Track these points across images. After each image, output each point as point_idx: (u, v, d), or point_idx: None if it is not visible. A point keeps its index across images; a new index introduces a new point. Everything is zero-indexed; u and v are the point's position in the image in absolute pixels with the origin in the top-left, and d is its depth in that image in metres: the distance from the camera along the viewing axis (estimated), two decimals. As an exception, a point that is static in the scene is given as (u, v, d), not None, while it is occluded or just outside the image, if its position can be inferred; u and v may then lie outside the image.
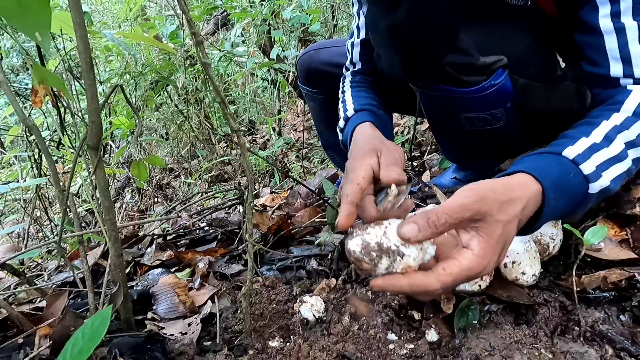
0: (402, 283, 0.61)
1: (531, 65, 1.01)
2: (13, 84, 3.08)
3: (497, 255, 0.62)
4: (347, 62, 1.28)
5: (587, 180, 0.72)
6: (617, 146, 0.75)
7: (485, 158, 1.28)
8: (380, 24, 0.96)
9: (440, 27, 0.89)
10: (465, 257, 0.60)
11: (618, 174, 0.74)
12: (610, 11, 0.82)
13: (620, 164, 0.75)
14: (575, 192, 0.72)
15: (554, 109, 1.03)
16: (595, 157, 0.74)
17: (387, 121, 1.11)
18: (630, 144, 0.76)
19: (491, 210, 0.61)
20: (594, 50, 0.85)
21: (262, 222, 1.35)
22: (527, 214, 0.66)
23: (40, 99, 0.84)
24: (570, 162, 0.73)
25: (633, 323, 0.77)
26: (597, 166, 0.73)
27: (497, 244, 0.61)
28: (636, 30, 0.80)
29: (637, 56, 0.80)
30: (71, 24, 0.59)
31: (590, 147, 0.75)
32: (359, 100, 1.13)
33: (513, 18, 1.00)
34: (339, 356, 0.79)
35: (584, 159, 0.73)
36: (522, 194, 0.65)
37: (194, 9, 2.71)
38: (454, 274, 0.59)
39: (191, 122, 2.93)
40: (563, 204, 0.71)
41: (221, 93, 0.69)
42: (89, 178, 1.35)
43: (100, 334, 0.57)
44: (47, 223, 2.43)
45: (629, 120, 0.77)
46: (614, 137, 0.76)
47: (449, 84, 0.96)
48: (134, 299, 1.00)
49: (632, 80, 0.82)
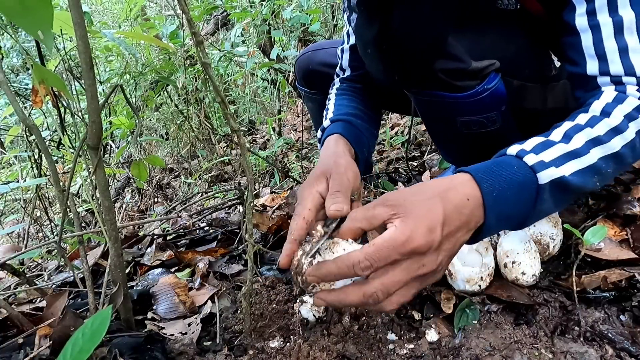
0: (329, 264, 0.63)
1: (524, 67, 1.01)
2: (13, 84, 3.08)
3: (423, 225, 0.61)
4: (338, 68, 1.28)
5: (533, 170, 0.69)
6: (576, 143, 0.72)
7: (483, 160, 1.28)
8: (365, 35, 0.97)
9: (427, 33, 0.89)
10: (388, 230, 0.62)
11: (577, 169, 0.71)
12: (586, 9, 0.81)
13: (579, 159, 0.71)
14: (522, 183, 0.68)
15: (550, 109, 1.04)
16: (548, 152, 0.71)
17: (366, 130, 1.08)
18: (595, 141, 0.73)
19: (404, 194, 0.65)
20: (572, 49, 0.85)
21: (262, 222, 1.35)
22: (458, 194, 0.65)
23: (41, 99, 0.84)
24: (513, 157, 0.71)
25: (633, 323, 0.77)
26: (548, 160, 0.70)
27: (420, 216, 0.61)
28: (611, 26, 0.79)
29: (612, 52, 0.79)
30: (71, 24, 0.59)
31: (542, 143, 0.72)
32: (338, 110, 1.13)
33: (503, 22, 1.00)
34: (339, 356, 0.79)
35: (528, 152, 0.70)
36: (444, 181, 0.67)
37: (194, 9, 2.71)
38: (376, 243, 0.60)
39: (191, 122, 2.93)
40: (511, 196, 0.67)
41: (221, 93, 0.69)
42: (89, 178, 1.35)
43: (100, 334, 0.57)
44: (47, 223, 2.42)
45: (595, 119, 0.75)
46: (573, 134, 0.74)
47: (442, 89, 0.96)
48: (134, 299, 1.00)
49: (608, 78, 0.80)
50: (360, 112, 1.12)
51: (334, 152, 0.95)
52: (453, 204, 0.64)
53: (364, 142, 1.07)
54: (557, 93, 1.03)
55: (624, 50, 0.78)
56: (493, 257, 0.90)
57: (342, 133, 1.02)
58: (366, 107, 1.16)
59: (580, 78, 0.84)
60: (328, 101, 1.21)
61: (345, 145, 0.99)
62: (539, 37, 1.00)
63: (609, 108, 0.76)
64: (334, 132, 1.02)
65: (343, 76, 1.26)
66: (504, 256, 0.89)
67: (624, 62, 0.78)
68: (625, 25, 0.78)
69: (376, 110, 1.23)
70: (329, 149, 0.98)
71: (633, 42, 0.78)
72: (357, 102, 1.16)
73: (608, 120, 0.74)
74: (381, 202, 0.65)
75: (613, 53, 0.79)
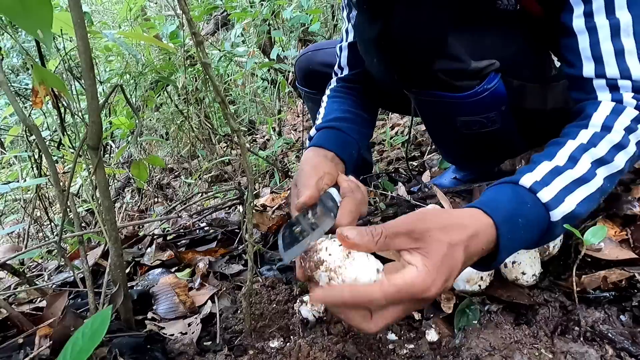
0: (343, 293, 0.59)
1: (524, 67, 1.01)
2: (13, 84, 3.08)
3: (442, 278, 0.59)
4: (336, 67, 1.27)
5: (547, 208, 0.69)
6: (583, 167, 0.72)
7: (483, 160, 1.29)
8: (365, 34, 0.96)
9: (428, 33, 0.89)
10: (410, 271, 0.58)
11: (585, 197, 0.71)
12: (583, 11, 0.81)
13: (587, 185, 0.72)
14: (535, 221, 0.69)
15: (550, 109, 1.04)
16: (558, 181, 0.71)
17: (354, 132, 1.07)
18: (599, 161, 0.73)
19: (430, 230, 0.60)
20: (569, 51, 0.84)
21: (262, 222, 1.35)
22: (479, 244, 0.63)
23: (41, 100, 0.84)
24: (526, 190, 0.70)
25: (633, 323, 0.77)
26: (558, 191, 0.70)
27: (442, 265, 0.59)
28: (608, 29, 0.78)
29: (608, 54, 0.78)
30: (71, 24, 0.59)
31: (551, 170, 0.72)
32: (327, 115, 1.12)
33: (503, 22, 1.00)
34: (339, 356, 0.79)
35: (542, 186, 0.70)
36: (470, 223, 0.64)
37: (194, 9, 2.71)
38: (397, 285, 0.57)
39: (191, 122, 2.93)
40: (524, 235, 0.68)
41: (221, 93, 0.69)
42: (89, 178, 1.35)
43: (100, 334, 0.57)
44: (47, 223, 2.42)
45: (597, 136, 0.75)
46: (579, 157, 0.73)
47: (442, 89, 0.96)
48: (134, 299, 1.00)
49: (604, 81, 0.79)
50: (350, 114, 1.11)
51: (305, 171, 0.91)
52: (471, 253, 0.63)
53: (351, 144, 1.05)
54: (557, 93, 1.03)
55: (620, 53, 0.78)
56: (493, 257, 0.90)
57: (323, 144, 1.00)
58: (358, 108, 1.15)
59: (576, 80, 0.84)
60: (321, 103, 1.21)
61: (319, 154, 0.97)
62: (539, 37, 1.00)
63: (609, 122, 0.75)
64: (314, 144, 1.01)
65: (340, 75, 1.25)
66: (504, 256, 0.89)
67: (620, 64, 0.78)
68: (622, 27, 0.77)
69: (370, 111, 1.22)
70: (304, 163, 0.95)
71: (629, 45, 0.77)
72: (347, 104, 1.15)
73: (610, 137, 0.74)
74: (406, 232, 0.61)
75: (609, 55, 0.79)
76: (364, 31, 0.98)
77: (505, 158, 1.25)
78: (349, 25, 1.23)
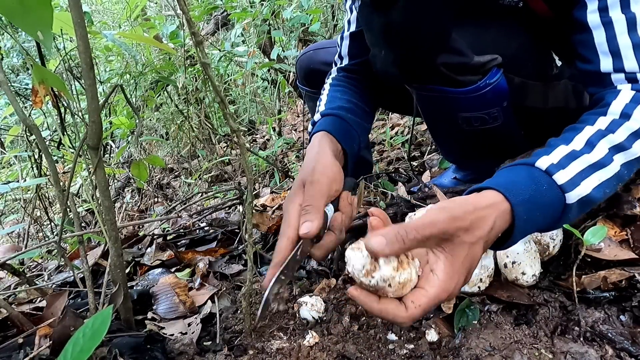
0: (373, 306, 0.61)
1: (525, 64, 1.01)
2: (13, 84, 3.08)
3: (462, 277, 0.62)
4: (336, 56, 1.26)
5: (562, 190, 0.69)
6: (600, 152, 0.72)
7: (484, 158, 1.28)
8: (374, 24, 0.96)
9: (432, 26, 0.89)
10: (432, 284, 0.60)
11: (602, 181, 0.71)
12: (597, 6, 0.81)
13: (604, 170, 0.71)
14: (550, 204, 0.69)
15: (551, 108, 1.04)
16: (574, 164, 0.71)
17: (357, 124, 1.06)
18: (617, 147, 0.73)
19: (459, 231, 0.61)
20: (585, 47, 0.84)
21: (262, 222, 1.35)
22: (494, 233, 0.65)
23: (41, 99, 0.84)
24: (542, 172, 0.70)
25: (633, 323, 0.77)
26: (575, 174, 0.70)
27: (463, 266, 0.62)
28: (624, 23, 0.78)
29: (625, 48, 0.78)
30: (71, 24, 0.59)
31: (568, 154, 0.72)
32: (331, 102, 1.11)
33: (505, 18, 1.00)
34: (339, 356, 0.79)
35: (558, 168, 0.70)
36: (490, 214, 0.64)
37: (194, 9, 2.71)
38: (422, 305, 0.60)
39: (191, 122, 2.93)
40: (538, 217, 0.68)
41: (221, 93, 0.70)
42: (89, 178, 1.35)
43: (100, 334, 0.57)
44: (47, 223, 2.42)
45: (615, 123, 0.75)
46: (596, 142, 0.73)
47: (444, 84, 0.96)
48: (134, 299, 1.00)
49: (623, 75, 0.79)
50: (353, 106, 1.10)
51: (316, 154, 0.93)
52: (488, 243, 0.65)
53: (354, 137, 1.04)
54: (558, 92, 1.03)
55: (638, 47, 0.78)
56: (493, 258, 0.90)
57: (330, 130, 0.99)
58: (360, 99, 1.15)
59: (593, 75, 0.84)
60: (322, 90, 1.19)
61: (330, 143, 0.97)
62: (541, 35, 1.00)
63: (628, 110, 0.75)
64: (322, 128, 1.00)
65: (340, 65, 1.24)
66: (504, 256, 0.89)
67: (639, 58, 0.78)
68: (638, 21, 0.77)
69: (370, 103, 1.20)
70: (312, 149, 0.95)
71: None
72: (350, 95, 1.14)
73: (629, 124, 0.74)
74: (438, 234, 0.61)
75: (627, 49, 0.78)
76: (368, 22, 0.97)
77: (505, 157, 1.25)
78: (351, 15, 1.22)
